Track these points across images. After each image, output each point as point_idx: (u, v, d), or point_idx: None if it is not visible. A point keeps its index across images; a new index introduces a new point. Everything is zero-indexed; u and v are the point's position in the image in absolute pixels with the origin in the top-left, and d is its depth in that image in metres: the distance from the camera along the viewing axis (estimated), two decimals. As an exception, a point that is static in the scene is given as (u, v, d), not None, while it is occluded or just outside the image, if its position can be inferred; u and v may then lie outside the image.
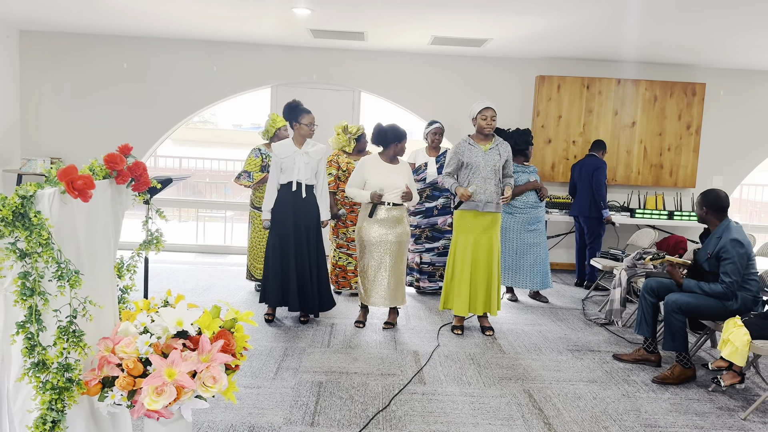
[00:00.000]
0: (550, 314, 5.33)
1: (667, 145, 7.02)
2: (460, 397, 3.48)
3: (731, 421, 3.32)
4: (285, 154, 4.48)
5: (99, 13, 5.76)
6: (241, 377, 3.60)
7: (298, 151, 4.49)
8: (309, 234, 4.56)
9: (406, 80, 7.06)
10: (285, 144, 4.53)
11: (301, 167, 4.47)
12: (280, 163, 4.49)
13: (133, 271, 2.50)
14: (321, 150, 4.58)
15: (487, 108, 4.52)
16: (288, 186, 4.51)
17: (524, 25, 5.44)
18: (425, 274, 5.74)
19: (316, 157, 4.53)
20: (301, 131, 4.50)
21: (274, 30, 6.12)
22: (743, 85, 7.17)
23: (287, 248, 4.52)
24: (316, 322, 4.75)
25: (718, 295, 3.69)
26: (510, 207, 5.51)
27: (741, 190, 9.33)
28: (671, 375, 3.80)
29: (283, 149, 4.50)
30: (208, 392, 2.12)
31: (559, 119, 6.96)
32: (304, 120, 4.48)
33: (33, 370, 1.92)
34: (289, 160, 4.48)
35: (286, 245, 4.52)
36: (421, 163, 5.62)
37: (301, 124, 4.48)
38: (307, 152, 4.50)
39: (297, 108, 4.53)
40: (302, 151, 4.49)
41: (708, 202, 3.84)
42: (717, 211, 3.82)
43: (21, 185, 1.90)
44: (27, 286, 1.87)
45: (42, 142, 6.95)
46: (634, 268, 4.91)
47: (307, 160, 4.49)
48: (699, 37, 5.60)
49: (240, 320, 2.43)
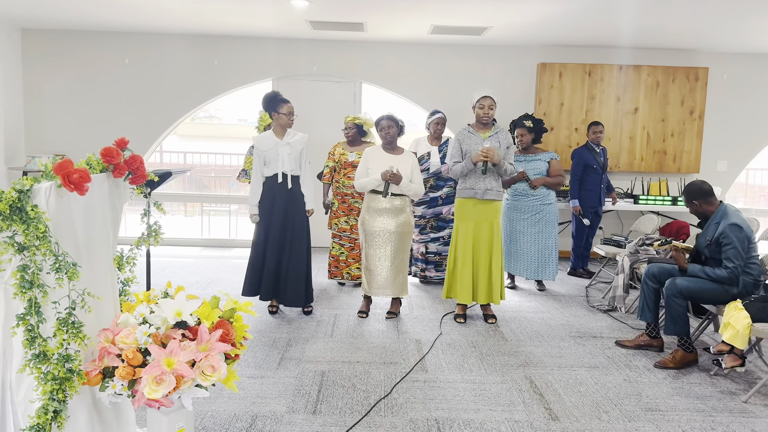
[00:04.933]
0: (553, 301, 5.34)
1: (670, 130, 6.99)
2: (462, 384, 3.51)
3: (732, 404, 3.33)
4: (267, 147, 4.47)
5: (99, 9, 5.79)
6: (245, 367, 3.64)
7: (280, 142, 4.48)
8: (296, 225, 4.55)
9: (407, 70, 7.05)
10: (266, 136, 4.52)
11: (285, 158, 4.46)
12: (263, 156, 4.48)
13: (133, 264, 2.53)
14: (302, 139, 4.56)
15: (484, 97, 4.52)
16: (274, 178, 4.50)
17: (524, 12, 5.42)
18: (431, 264, 5.75)
19: (298, 146, 4.53)
20: (280, 121, 4.48)
21: (274, 23, 6.13)
22: (746, 69, 7.12)
23: (274, 241, 4.52)
24: (320, 313, 4.79)
25: (722, 280, 3.69)
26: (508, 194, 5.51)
27: (746, 174, 9.28)
28: (673, 360, 3.81)
29: (265, 142, 4.49)
30: (207, 381, 2.15)
31: (561, 107, 6.93)
32: (282, 110, 4.46)
33: (34, 361, 1.95)
34: (272, 152, 4.46)
35: (273, 238, 4.52)
36: (424, 153, 5.62)
37: (279, 113, 4.47)
38: (288, 143, 4.49)
39: (275, 98, 4.51)
40: (284, 142, 4.48)
41: (694, 194, 3.86)
42: (706, 197, 3.83)
43: (18, 179, 1.92)
44: (26, 278, 1.91)
45: (46, 139, 7.01)
46: (637, 254, 4.91)
47: (290, 150, 4.48)
48: (700, 20, 5.57)
49: (239, 310, 2.46)
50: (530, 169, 5.47)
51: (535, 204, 5.46)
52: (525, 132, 5.53)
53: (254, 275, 4.58)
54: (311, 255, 4.71)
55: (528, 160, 5.52)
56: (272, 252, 4.53)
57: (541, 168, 5.47)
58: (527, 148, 5.56)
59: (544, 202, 5.48)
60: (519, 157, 5.54)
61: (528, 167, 5.48)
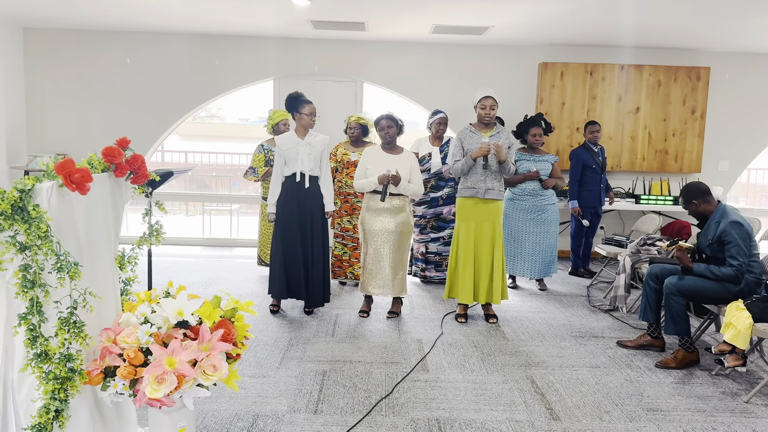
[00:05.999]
0: (554, 301, 5.33)
1: (672, 130, 6.98)
2: (463, 383, 3.50)
3: (734, 404, 3.32)
4: (288, 146, 4.50)
5: (101, 9, 5.79)
6: (246, 367, 3.64)
7: (301, 142, 4.51)
8: (314, 225, 4.57)
9: (409, 70, 7.05)
10: (287, 136, 4.55)
11: (305, 158, 4.49)
12: (284, 155, 4.51)
13: (134, 263, 2.53)
14: (323, 140, 4.59)
15: (486, 97, 4.52)
16: (292, 177, 4.52)
17: (525, 11, 5.41)
18: (431, 264, 5.75)
19: (319, 147, 4.55)
20: (302, 121, 4.51)
21: (275, 22, 6.13)
22: (748, 68, 7.11)
23: (293, 240, 4.54)
24: (321, 313, 4.79)
25: (728, 278, 3.68)
26: (510, 194, 5.51)
27: (748, 174, 9.28)
28: (674, 359, 3.81)
29: (286, 141, 4.52)
30: (208, 380, 2.15)
31: (563, 106, 6.93)
32: (304, 110, 4.49)
33: (35, 361, 1.96)
34: (292, 152, 4.49)
35: (292, 237, 4.54)
36: (425, 153, 5.62)
37: (301, 114, 4.49)
38: (309, 143, 4.51)
39: (298, 99, 4.54)
40: (305, 142, 4.51)
41: (693, 194, 3.87)
42: (704, 197, 3.84)
43: (20, 179, 1.93)
44: (28, 278, 1.91)
45: (48, 138, 7.01)
46: (638, 254, 4.91)
47: (309, 150, 4.50)
48: (701, 19, 5.56)
49: (240, 310, 2.47)
50: (540, 170, 5.46)
51: (537, 204, 5.46)
52: (541, 131, 5.53)
53: (280, 276, 4.58)
54: (329, 254, 4.73)
55: (536, 159, 5.50)
56: (297, 252, 4.55)
57: (548, 169, 5.47)
58: (536, 148, 5.56)
59: (545, 202, 5.48)
60: (527, 156, 5.51)
61: (538, 167, 5.47)
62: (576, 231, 6.25)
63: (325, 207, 4.63)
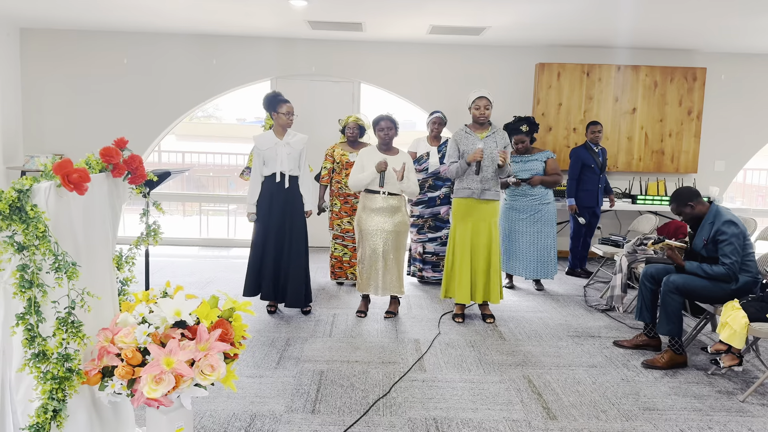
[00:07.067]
0: (551, 301, 5.35)
1: (668, 131, 7.00)
2: (460, 383, 3.51)
3: (730, 404, 3.34)
4: (266, 146, 4.48)
5: (98, 9, 5.79)
6: (244, 367, 3.65)
7: (280, 142, 4.49)
8: (294, 225, 4.55)
9: (406, 70, 7.06)
10: (265, 136, 4.53)
11: (284, 158, 4.47)
12: (263, 155, 4.49)
13: (132, 263, 2.54)
14: (302, 140, 4.57)
15: (480, 97, 4.52)
16: (272, 177, 4.51)
17: (522, 12, 5.43)
18: (428, 264, 5.76)
19: (297, 147, 4.53)
20: (280, 121, 4.49)
21: (272, 22, 6.13)
22: (744, 69, 7.14)
23: (269, 240, 4.53)
24: (318, 313, 4.79)
25: (720, 277, 3.69)
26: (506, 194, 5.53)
27: (744, 174, 9.31)
28: (661, 359, 3.82)
29: (264, 141, 4.50)
30: (206, 380, 2.15)
31: (560, 107, 6.94)
32: (282, 109, 4.47)
33: (33, 361, 1.96)
34: (271, 152, 4.47)
35: (269, 237, 4.53)
36: (423, 153, 5.63)
37: (279, 113, 4.47)
38: (288, 143, 4.50)
39: (275, 98, 4.52)
40: (284, 141, 4.49)
41: (686, 198, 3.89)
42: (697, 198, 3.87)
43: (18, 179, 1.93)
44: (25, 278, 1.91)
45: (45, 138, 7.00)
46: (635, 254, 4.92)
47: (289, 150, 4.49)
48: (697, 20, 5.58)
49: (238, 310, 2.47)
50: (527, 170, 5.48)
51: (533, 204, 5.47)
52: (523, 137, 5.54)
53: (254, 275, 4.59)
54: (309, 255, 4.72)
55: (524, 160, 5.52)
56: (270, 252, 4.54)
57: (538, 168, 5.47)
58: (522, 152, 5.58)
59: (542, 201, 5.49)
60: (515, 158, 5.54)
61: (525, 167, 5.49)
62: (575, 231, 6.27)
63: (305, 206, 4.63)
